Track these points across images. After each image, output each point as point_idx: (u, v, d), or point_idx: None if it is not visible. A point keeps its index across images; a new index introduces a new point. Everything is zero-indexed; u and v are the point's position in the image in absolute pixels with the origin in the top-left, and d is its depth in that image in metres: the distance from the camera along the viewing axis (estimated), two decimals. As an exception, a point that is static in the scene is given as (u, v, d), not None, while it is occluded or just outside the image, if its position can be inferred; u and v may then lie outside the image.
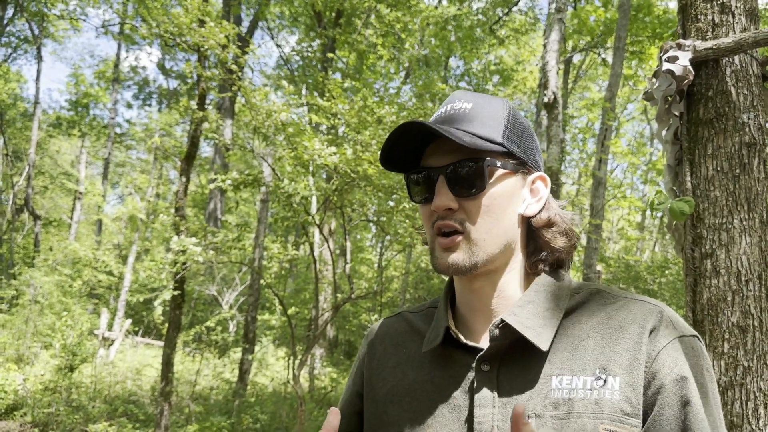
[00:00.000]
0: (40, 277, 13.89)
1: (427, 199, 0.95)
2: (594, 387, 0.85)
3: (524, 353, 0.90)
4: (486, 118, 0.94)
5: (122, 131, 27.03)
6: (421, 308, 1.10)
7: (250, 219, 22.61)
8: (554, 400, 0.86)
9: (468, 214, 0.92)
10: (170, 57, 23.51)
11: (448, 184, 0.92)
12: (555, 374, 0.88)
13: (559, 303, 0.94)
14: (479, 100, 0.97)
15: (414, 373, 0.99)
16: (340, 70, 12.77)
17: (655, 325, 0.88)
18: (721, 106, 1.88)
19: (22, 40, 23.34)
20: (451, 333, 0.94)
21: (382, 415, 0.99)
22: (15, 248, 20.21)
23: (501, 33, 15.37)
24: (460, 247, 0.91)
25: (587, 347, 0.89)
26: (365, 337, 1.13)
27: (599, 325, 0.91)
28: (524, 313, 0.91)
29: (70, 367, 8.23)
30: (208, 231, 6.66)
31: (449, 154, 0.93)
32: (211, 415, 8.52)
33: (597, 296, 0.95)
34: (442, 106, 0.99)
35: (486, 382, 0.90)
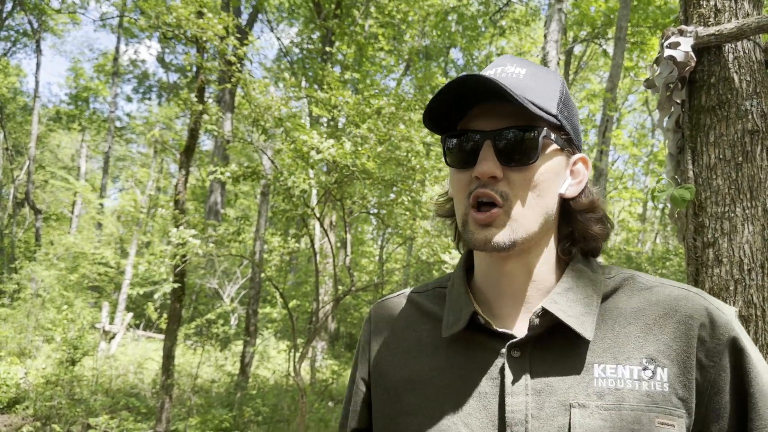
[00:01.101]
0: (41, 271, 13.91)
1: (466, 164, 0.87)
2: (642, 377, 0.82)
3: (561, 341, 0.85)
4: (541, 86, 0.88)
5: (122, 125, 27.01)
6: (426, 288, 1.03)
7: (251, 212, 22.62)
8: (598, 389, 0.81)
9: (512, 186, 0.85)
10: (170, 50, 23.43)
11: (495, 150, 0.85)
12: (597, 362, 0.83)
13: (596, 289, 0.89)
14: (532, 66, 0.90)
15: (430, 360, 0.92)
16: (340, 62, 12.72)
17: (705, 315, 0.85)
18: (723, 93, 1.85)
19: (21, 34, 23.28)
20: (479, 318, 0.88)
21: (397, 405, 0.92)
22: (16, 242, 20.23)
23: (502, 23, 15.30)
24: (499, 223, 0.84)
25: (630, 335, 0.85)
26: (367, 320, 1.06)
27: (639, 312, 0.87)
28: (564, 301, 0.86)
29: (71, 360, 8.24)
30: (208, 224, 6.65)
31: (500, 119, 0.86)
32: (212, 407, 8.53)
33: (631, 281, 0.91)
34: (488, 68, 0.91)
35: (518, 369, 0.84)
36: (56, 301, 12.59)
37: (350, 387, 1.06)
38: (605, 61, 18.49)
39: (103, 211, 21.84)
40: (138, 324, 15.40)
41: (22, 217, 22.88)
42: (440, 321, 0.94)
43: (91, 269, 14.95)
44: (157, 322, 11.23)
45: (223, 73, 6.39)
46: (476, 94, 0.86)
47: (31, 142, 20.79)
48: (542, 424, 0.81)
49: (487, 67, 0.92)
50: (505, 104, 0.85)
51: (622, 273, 0.93)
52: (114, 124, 23.95)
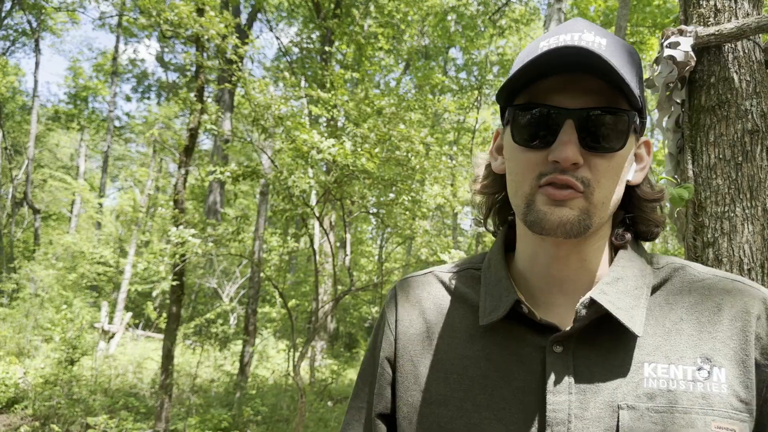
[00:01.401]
0: (40, 270, 13.91)
1: (539, 144, 0.77)
2: (697, 378, 0.75)
3: (607, 336, 0.78)
4: (626, 60, 0.77)
5: (121, 124, 27.00)
6: (457, 268, 0.94)
7: (250, 212, 22.61)
8: (649, 390, 0.75)
9: (594, 173, 0.76)
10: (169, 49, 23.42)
11: (579, 132, 0.75)
12: (647, 361, 0.77)
13: (645, 280, 0.82)
14: (610, 36, 0.79)
15: (463, 348, 0.85)
16: (339, 62, 12.72)
17: (762, 310, 0.78)
18: (723, 93, 1.85)
19: (20, 33, 23.26)
20: (522, 307, 0.80)
21: (424, 393, 0.85)
22: (15, 242, 20.22)
23: (501, 23, 15.31)
24: (576, 205, 0.75)
25: (682, 332, 0.78)
26: (391, 298, 0.96)
27: (692, 306, 0.80)
28: (614, 292, 0.79)
29: (70, 360, 8.24)
30: (207, 224, 6.65)
31: (585, 95, 0.76)
32: (211, 407, 8.53)
33: (682, 272, 0.84)
34: (558, 31, 0.79)
35: (560, 365, 0.77)
36: (55, 301, 12.58)
37: (370, 367, 0.95)
38: (604, 61, 18.50)
39: (102, 211, 21.83)
40: (137, 323, 15.40)
41: (21, 217, 22.86)
42: (474, 306, 0.87)
43: (90, 269, 14.95)
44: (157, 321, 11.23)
45: (223, 72, 6.40)
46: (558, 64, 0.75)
47: (29, 142, 20.78)
48: (586, 425, 0.75)
49: (557, 30, 0.80)
50: (590, 79, 0.75)
51: (673, 263, 0.86)
52: (113, 123, 23.94)
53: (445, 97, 15.43)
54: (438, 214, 16.98)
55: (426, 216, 6.95)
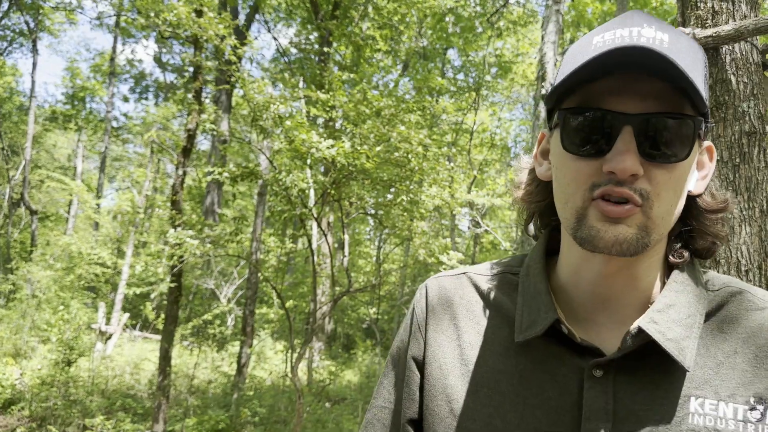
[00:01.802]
0: (37, 271, 13.88)
1: (594, 152, 0.70)
2: (749, 419, 0.69)
3: (654, 365, 0.72)
4: (691, 62, 0.69)
5: (119, 125, 26.97)
6: (492, 272, 0.88)
7: (248, 212, 22.60)
8: (694, 427, 0.69)
9: (654, 185, 0.68)
10: (166, 50, 23.41)
11: (638, 140, 0.67)
12: (694, 395, 0.70)
13: (699, 306, 0.75)
14: (673, 32, 0.70)
15: (496, 361, 0.79)
16: (337, 63, 12.73)
17: None
18: (720, 95, 1.86)
19: (17, 34, 23.23)
20: (562, 327, 0.75)
21: (452, 405, 0.80)
22: (12, 243, 20.18)
23: (499, 25, 15.33)
24: (633, 222, 0.68)
25: (736, 366, 0.71)
26: (422, 296, 0.90)
27: (749, 338, 0.73)
28: (665, 321, 0.72)
29: (67, 361, 8.22)
30: (204, 224, 6.64)
31: (645, 100, 0.68)
32: (209, 408, 8.52)
33: (740, 298, 0.76)
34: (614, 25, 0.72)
35: (599, 391, 0.72)
36: (52, 302, 12.55)
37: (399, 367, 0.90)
38: (602, 63, 18.55)
39: (99, 212, 21.81)
40: (134, 324, 15.38)
41: (18, 218, 22.81)
42: (509, 317, 0.82)
43: (87, 270, 14.93)
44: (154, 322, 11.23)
45: (221, 73, 6.40)
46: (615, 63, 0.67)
47: (27, 142, 20.74)
48: None
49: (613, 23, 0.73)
50: (651, 80, 0.67)
51: (730, 286, 0.78)
52: (111, 124, 23.91)
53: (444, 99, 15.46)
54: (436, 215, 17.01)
55: (425, 217, 6.96)
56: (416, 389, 0.86)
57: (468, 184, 13.91)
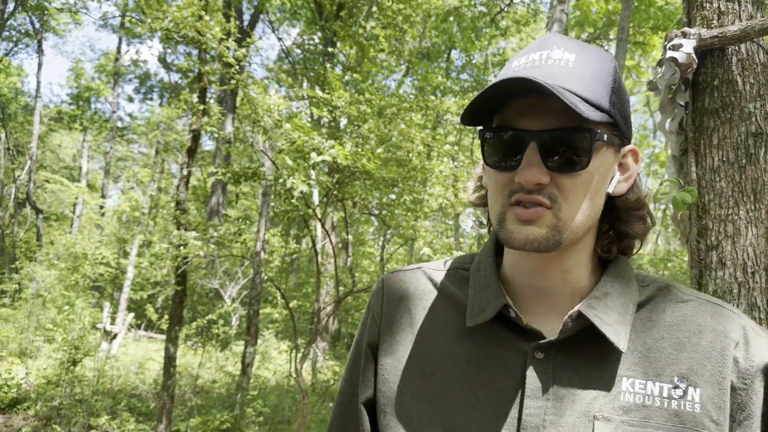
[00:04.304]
0: (42, 271, 13.92)
1: (507, 166, 0.79)
2: (672, 396, 0.78)
3: (591, 349, 0.80)
4: (593, 77, 0.78)
5: (124, 125, 27.04)
6: (445, 267, 0.96)
7: (252, 213, 22.62)
8: (625, 404, 0.77)
9: (561, 191, 0.77)
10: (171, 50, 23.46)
11: (542, 153, 0.76)
12: (626, 376, 0.79)
13: (631, 296, 0.84)
14: (582, 51, 0.80)
15: (446, 345, 0.87)
16: (342, 63, 12.73)
17: (741, 335, 0.81)
18: (726, 96, 1.85)
19: (23, 34, 23.31)
20: (510, 312, 0.82)
21: (402, 387, 0.87)
22: (17, 242, 20.25)
23: (502, 24, 15.31)
24: (544, 222, 0.77)
25: (662, 350, 0.81)
26: (379, 290, 0.97)
27: (674, 326, 0.82)
28: (602, 307, 0.81)
29: (72, 360, 8.25)
30: (209, 225, 6.65)
31: (548, 117, 0.77)
32: (213, 408, 8.54)
33: (666, 292, 0.86)
34: (530, 49, 0.82)
35: (540, 372, 0.79)
36: (57, 301, 12.59)
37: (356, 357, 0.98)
38: (607, 62, 18.47)
39: (103, 212, 21.87)
40: (139, 324, 15.41)
41: (23, 217, 22.90)
42: (461, 306, 0.89)
43: (92, 269, 14.97)
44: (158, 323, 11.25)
45: (224, 75, 6.40)
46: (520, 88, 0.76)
47: (32, 142, 20.81)
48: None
49: (530, 47, 0.82)
50: (555, 99, 0.75)
51: (658, 282, 0.88)
52: (115, 124, 23.97)
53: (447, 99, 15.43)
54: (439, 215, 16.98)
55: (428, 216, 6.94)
56: (371, 375, 0.93)
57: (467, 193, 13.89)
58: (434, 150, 6.89)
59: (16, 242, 20.23)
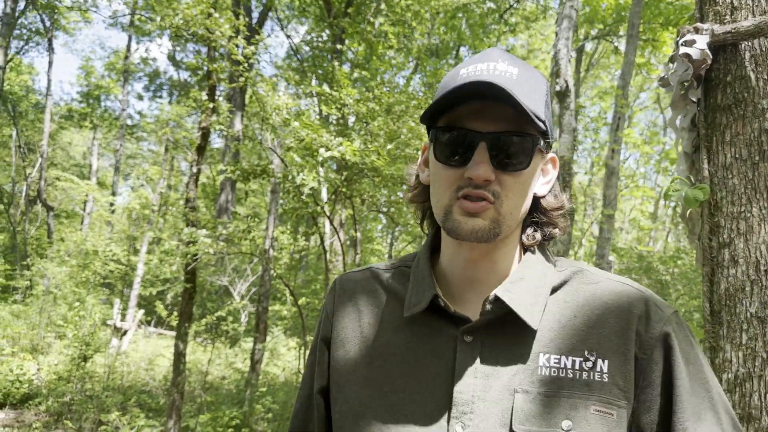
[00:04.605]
0: (52, 267, 14.02)
1: (458, 162, 0.88)
2: (583, 368, 0.87)
3: (511, 329, 0.89)
4: (532, 90, 0.88)
5: (133, 123, 27.15)
6: (391, 266, 1.07)
7: (260, 210, 22.67)
8: (542, 377, 0.86)
9: (504, 188, 0.87)
10: (180, 48, 23.52)
11: (490, 153, 0.86)
12: (543, 352, 0.88)
13: (546, 280, 0.94)
14: (522, 66, 0.90)
15: (388, 335, 0.96)
16: (350, 61, 12.71)
17: (643, 310, 0.90)
18: (739, 92, 1.83)
19: (34, 33, 23.45)
20: (440, 301, 0.91)
21: (351, 375, 0.97)
22: (28, 239, 20.40)
23: (511, 20, 15.23)
24: (487, 215, 0.87)
25: (574, 327, 0.90)
26: (331, 290, 1.08)
27: (585, 305, 0.91)
28: (516, 290, 0.90)
29: (83, 357, 8.31)
30: (218, 223, 6.66)
31: (495, 121, 0.86)
32: (223, 404, 8.57)
33: (579, 275, 0.96)
34: (476, 60, 0.90)
35: (468, 353, 0.89)
36: (68, 298, 12.68)
37: (313, 351, 1.08)
38: (616, 59, 18.35)
39: (113, 210, 21.97)
40: (149, 321, 15.50)
41: (35, 215, 23.06)
42: (402, 299, 0.98)
43: (103, 266, 15.05)
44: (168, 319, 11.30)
45: (232, 73, 6.40)
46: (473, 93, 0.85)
47: (43, 140, 20.95)
48: (488, 406, 0.85)
49: (474, 58, 0.91)
50: (500, 105, 0.85)
51: (572, 266, 0.97)
52: (125, 122, 24.08)
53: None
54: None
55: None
56: (325, 366, 1.03)
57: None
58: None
59: (28, 239, 20.38)
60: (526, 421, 0.84)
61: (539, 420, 0.84)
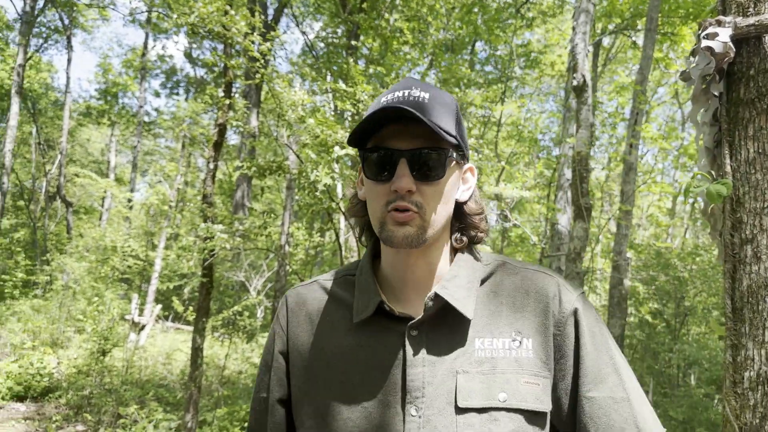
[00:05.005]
0: (72, 263, 14.18)
1: (384, 178, 1.00)
2: (512, 347, 1.00)
3: (450, 320, 1.02)
4: (443, 110, 1.01)
5: (150, 120, 27.34)
6: (336, 276, 1.17)
7: (276, 205, 22.76)
8: (478, 358, 0.99)
9: (424, 198, 0.99)
10: (197, 45, 23.64)
11: (410, 167, 0.98)
12: (478, 337, 1.01)
13: (475, 275, 1.07)
14: (433, 90, 1.03)
15: (342, 340, 1.06)
16: (365, 57, 12.70)
17: (555, 292, 1.04)
18: (763, 85, 1.79)
19: (52, 31, 23.71)
20: (384, 306, 1.02)
21: (312, 380, 1.06)
22: (48, 235, 20.67)
23: (528, 15, 15.10)
24: (415, 223, 0.98)
25: (502, 313, 1.04)
26: (283, 305, 1.17)
27: (509, 293, 1.06)
28: (452, 286, 1.03)
29: (102, 351, 8.41)
30: (234, 219, 6.70)
31: (413, 139, 0.98)
32: (239, 398, 8.63)
33: (503, 267, 1.10)
34: (395, 89, 1.04)
35: (416, 346, 1.00)
36: (87, 293, 12.83)
37: (267, 362, 1.16)
38: (634, 53, 18.14)
39: (131, 206, 22.17)
40: (167, 315, 15.64)
41: (54, 210, 23.36)
42: (350, 306, 1.09)
43: (121, 262, 15.20)
44: (185, 314, 11.40)
45: (249, 69, 6.42)
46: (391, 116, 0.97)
47: (62, 137, 21.19)
48: (435, 388, 0.97)
49: (393, 87, 1.05)
50: (416, 125, 0.97)
51: (496, 260, 1.11)
52: (142, 118, 24.26)
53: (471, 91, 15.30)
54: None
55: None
56: (284, 376, 1.13)
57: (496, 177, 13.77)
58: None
59: (47, 235, 20.65)
60: (468, 397, 0.97)
61: (479, 395, 0.97)
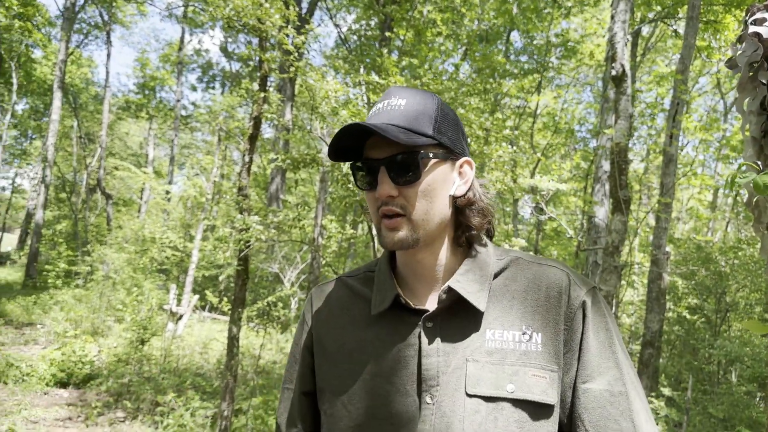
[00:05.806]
0: (111, 254, 14.54)
1: (371, 186, 1.08)
2: (522, 340, 1.04)
3: (463, 312, 1.07)
4: (418, 113, 1.07)
5: (187, 113, 27.78)
6: (357, 273, 1.25)
7: (309, 198, 22.92)
8: (489, 349, 1.04)
9: (407, 200, 1.05)
10: (232, 39, 23.89)
11: (388, 174, 1.05)
12: (489, 328, 1.06)
13: (488, 269, 1.12)
14: (412, 96, 1.09)
15: (362, 333, 1.13)
16: (398, 48, 12.65)
17: (566, 285, 1.08)
18: (813, 73, 1.72)
19: (92, 27, 24.26)
20: (400, 299, 1.09)
21: (334, 370, 1.13)
22: (89, 227, 21.23)
23: (566, 4, 14.83)
24: (403, 227, 1.05)
25: (513, 307, 1.08)
26: (308, 301, 1.26)
27: (522, 287, 1.10)
28: (465, 280, 1.08)
29: (141, 340, 8.60)
30: (269, 211, 6.77)
31: (388, 147, 1.05)
32: (274, 388, 8.75)
33: (516, 262, 1.14)
34: (379, 101, 1.11)
35: (431, 336, 1.06)
36: (126, 283, 13.13)
37: (295, 355, 1.25)
38: (674, 42, 17.66)
39: (169, 198, 22.59)
40: (204, 306, 15.93)
41: (94, 203, 23.98)
42: (369, 301, 1.16)
43: (159, 253, 15.52)
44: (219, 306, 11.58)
45: (284, 62, 6.45)
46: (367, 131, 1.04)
47: (102, 131, 21.70)
48: (450, 376, 1.03)
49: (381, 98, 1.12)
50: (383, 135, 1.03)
51: (510, 254, 1.16)
52: (179, 112, 24.67)
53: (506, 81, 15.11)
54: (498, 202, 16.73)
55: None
56: (308, 370, 1.21)
57: (531, 169, 13.59)
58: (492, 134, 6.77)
59: (88, 226, 21.20)
60: (477, 384, 1.01)
61: (488, 384, 1.01)
